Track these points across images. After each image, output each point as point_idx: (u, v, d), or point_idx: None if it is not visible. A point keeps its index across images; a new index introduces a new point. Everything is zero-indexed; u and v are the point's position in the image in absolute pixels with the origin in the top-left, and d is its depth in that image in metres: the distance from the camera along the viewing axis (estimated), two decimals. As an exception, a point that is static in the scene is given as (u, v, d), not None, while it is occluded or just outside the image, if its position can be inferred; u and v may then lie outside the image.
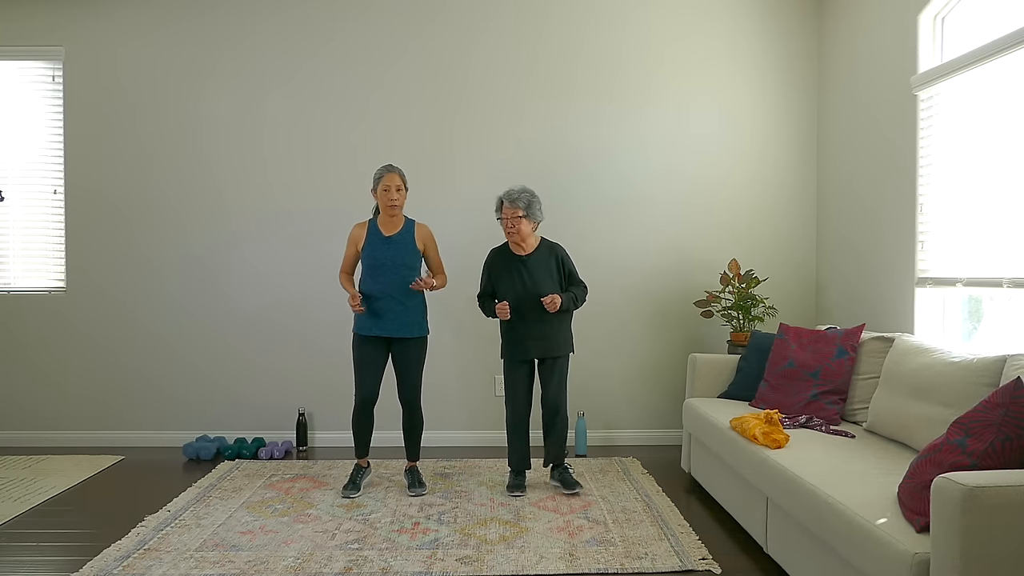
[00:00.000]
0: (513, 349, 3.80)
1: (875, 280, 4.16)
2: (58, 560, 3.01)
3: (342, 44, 4.82)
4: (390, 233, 3.77)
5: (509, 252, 3.85)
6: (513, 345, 3.80)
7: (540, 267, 3.79)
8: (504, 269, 3.81)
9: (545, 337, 3.76)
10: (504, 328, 3.83)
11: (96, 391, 4.85)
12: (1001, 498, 1.80)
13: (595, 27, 4.86)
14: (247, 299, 4.85)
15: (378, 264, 3.72)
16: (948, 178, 3.56)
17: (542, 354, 3.79)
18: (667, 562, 2.95)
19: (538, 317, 3.74)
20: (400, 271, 3.72)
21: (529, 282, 3.75)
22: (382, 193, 3.71)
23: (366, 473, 3.90)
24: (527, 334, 3.76)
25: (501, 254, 3.87)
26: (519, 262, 3.80)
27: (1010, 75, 3.14)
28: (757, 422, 3.13)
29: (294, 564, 2.93)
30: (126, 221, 4.83)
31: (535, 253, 3.82)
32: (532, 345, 3.77)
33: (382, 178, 3.71)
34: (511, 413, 3.84)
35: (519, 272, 3.78)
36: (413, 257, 3.77)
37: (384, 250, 3.73)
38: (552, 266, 3.81)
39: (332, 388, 4.81)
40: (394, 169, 3.74)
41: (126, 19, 4.81)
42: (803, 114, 4.94)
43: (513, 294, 3.76)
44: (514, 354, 3.80)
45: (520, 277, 3.77)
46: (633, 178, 4.88)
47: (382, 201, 3.73)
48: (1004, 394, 2.05)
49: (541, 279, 3.76)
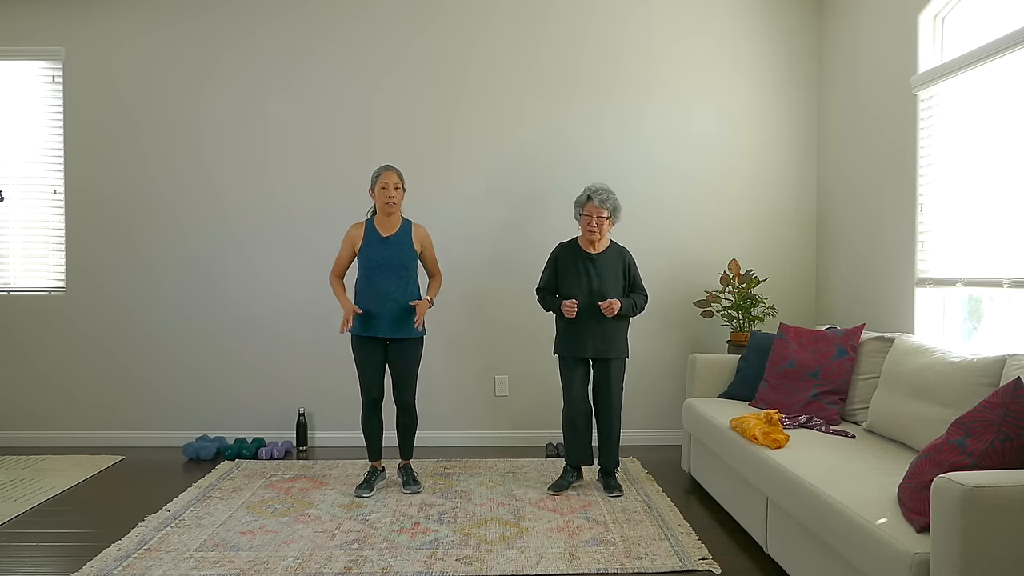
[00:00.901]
0: (569, 346, 3.77)
1: (875, 280, 4.16)
2: (58, 560, 3.01)
3: (342, 45, 4.82)
4: (388, 233, 3.76)
5: (578, 248, 3.83)
6: (569, 342, 3.77)
7: (607, 267, 3.77)
8: (571, 265, 3.79)
9: (602, 337, 3.73)
10: (562, 324, 3.80)
11: (96, 391, 4.85)
12: (1001, 498, 1.80)
13: (595, 27, 4.86)
14: (247, 299, 4.85)
15: (375, 265, 3.71)
16: (948, 178, 3.56)
17: (596, 354, 3.75)
18: (667, 562, 2.95)
19: (598, 317, 3.71)
20: (397, 272, 3.72)
21: (596, 280, 3.74)
22: (380, 191, 3.71)
23: (381, 476, 3.91)
24: (585, 333, 3.73)
25: (570, 249, 3.85)
26: (588, 260, 3.78)
27: (1010, 75, 3.14)
28: (757, 422, 3.13)
29: (294, 564, 2.93)
30: (126, 221, 4.83)
31: (604, 253, 3.81)
32: (588, 344, 3.73)
33: (380, 176, 3.71)
34: (569, 409, 3.80)
35: (586, 270, 3.76)
36: (410, 258, 3.76)
37: (382, 251, 3.72)
38: (619, 268, 3.80)
39: (332, 388, 4.80)
40: (392, 168, 3.75)
41: (126, 19, 4.81)
42: (803, 114, 4.94)
43: (577, 291, 3.73)
44: (570, 351, 3.77)
45: (587, 275, 3.75)
46: (633, 178, 4.88)
47: (380, 199, 3.72)
48: (1004, 394, 2.05)
49: (607, 279, 3.75)
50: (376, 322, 3.70)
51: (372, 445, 3.87)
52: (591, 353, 3.75)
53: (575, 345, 3.76)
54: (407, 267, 3.75)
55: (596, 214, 3.72)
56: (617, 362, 3.79)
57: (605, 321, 3.73)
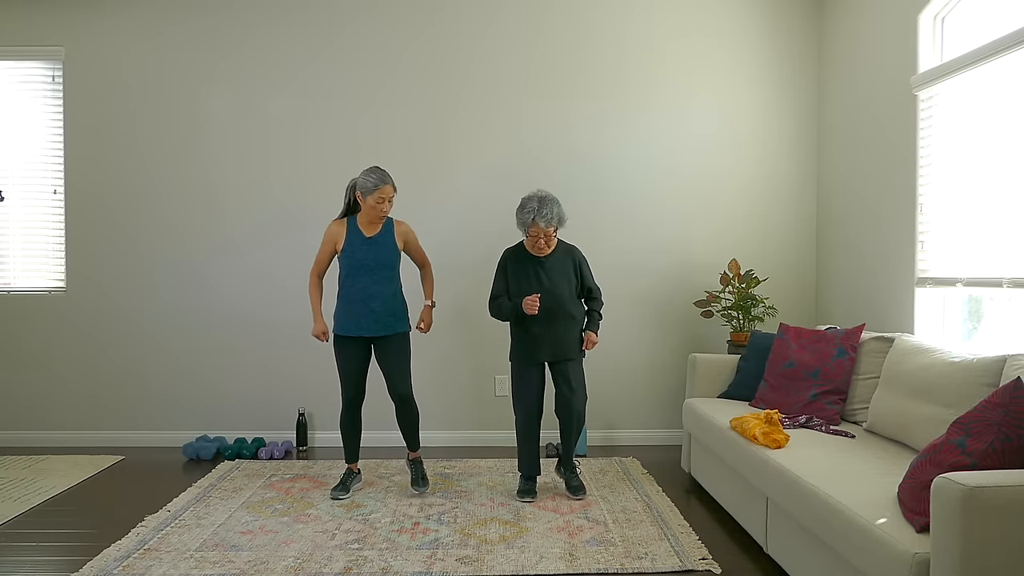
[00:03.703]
0: (525, 351, 3.74)
1: (875, 280, 4.16)
2: (58, 560, 3.01)
3: (342, 46, 4.82)
4: (371, 234, 3.73)
5: (525, 252, 3.79)
6: (525, 347, 3.73)
7: (557, 268, 3.75)
8: (520, 269, 3.77)
9: (558, 340, 3.71)
10: (516, 330, 3.77)
11: (96, 391, 4.85)
12: (1001, 498, 1.80)
13: (595, 28, 4.86)
14: (247, 299, 4.85)
15: (359, 265, 3.68)
16: (948, 178, 3.55)
17: (553, 357, 3.73)
18: (667, 562, 2.95)
19: (551, 319, 3.69)
20: (381, 272, 3.70)
21: (547, 282, 3.71)
22: (375, 203, 3.62)
23: (357, 479, 3.87)
24: (540, 336, 3.70)
25: (517, 254, 3.82)
26: (536, 263, 3.75)
27: (1010, 75, 3.14)
28: (757, 422, 3.13)
29: (294, 564, 2.93)
30: (126, 221, 4.83)
31: (553, 254, 3.77)
32: (544, 348, 3.71)
33: (378, 188, 3.61)
34: (522, 416, 3.77)
35: (536, 273, 3.73)
36: (394, 258, 3.74)
37: (365, 251, 3.70)
38: (569, 268, 3.77)
39: (332, 388, 4.80)
40: (389, 181, 3.65)
41: (126, 19, 4.81)
42: (803, 114, 4.94)
43: (529, 294, 3.69)
44: (526, 356, 3.74)
45: (537, 278, 3.72)
46: (633, 178, 4.88)
47: (373, 211, 3.65)
48: (1004, 394, 2.05)
49: (558, 280, 3.72)
50: (361, 321, 3.69)
51: (349, 446, 3.83)
52: (547, 357, 3.72)
53: (531, 350, 3.71)
54: (391, 267, 3.73)
55: (543, 234, 3.66)
56: (574, 362, 3.76)
57: (560, 323, 3.70)
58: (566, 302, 3.71)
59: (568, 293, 3.73)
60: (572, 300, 3.74)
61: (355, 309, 3.69)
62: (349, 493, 3.78)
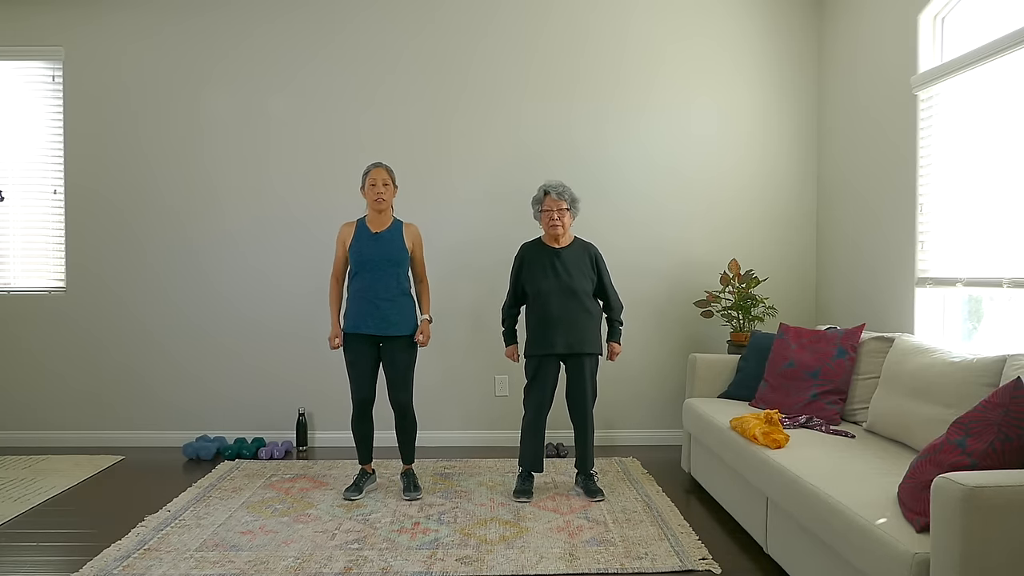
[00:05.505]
0: (541, 342, 3.71)
1: (875, 280, 4.16)
2: (58, 560, 3.01)
3: (342, 44, 4.82)
4: (378, 230, 3.75)
5: (542, 244, 3.83)
6: (541, 338, 3.71)
7: (574, 261, 3.76)
8: (537, 261, 3.78)
9: (574, 330, 3.69)
10: (532, 321, 3.77)
11: (96, 391, 4.85)
12: (1001, 498, 1.80)
13: (596, 28, 4.86)
14: (247, 299, 4.85)
15: (366, 260, 3.69)
16: (948, 178, 3.56)
17: (569, 349, 3.69)
18: (667, 562, 2.95)
19: (569, 311, 3.69)
20: (388, 268, 3.70)
21: (564, 275, 3.72)
22: (369, 188, 3.71)
23: (371, 479, 3.87)
24: (556, 328, 3.69)
25: (534, 246, 3.85)
26: (553, 255, 3.77)
27: (1010, 75, 3.14)
28: (757, 422, 3.13)
29: (294, 564, 2.93)
30: (126, 221, 4.83)
31: (569, 247, 3.81)
32: (561, 340, 3.69)
33: (368, 174, 3.72)
34: (532, 411, 3.74)
35: (553, 264, 3.75)
36: (401, 254, 3.74)
37: (372, 246, 3.71)
38: (586, 263, 3.79)
39: (332, 388, 4.80)
40: (381, 165, 3.75)
41: (126, 19, 4.81)
42: (803, 114, 4.94)
43: (546, 286, 3.71)
44: (541, 347, 3.71)
45: (554, 269, 3.73)
46: (633, 178, 4.88)
47: (369, 196, 3.71)
48: (1004, 394, 2.05)
49: (575, 273, 3.73)
50: (368, 319, 3.69)
51: (362, 448, 3.83)
52: (563, 348, 3.69)
53: (547, 341, 3.70)
54: (398, 263, 3.72)
55: (555, 207, 3.72)
56: (590, 359, 3.75)
57: (577, 316, 3.70)
58: (582, 295, 3.72)
59: (585, 287, 3.74)
60: (588, 295, 3.76)
61: (362, 306, 3.69)
62: (362, 494, 3.77)
